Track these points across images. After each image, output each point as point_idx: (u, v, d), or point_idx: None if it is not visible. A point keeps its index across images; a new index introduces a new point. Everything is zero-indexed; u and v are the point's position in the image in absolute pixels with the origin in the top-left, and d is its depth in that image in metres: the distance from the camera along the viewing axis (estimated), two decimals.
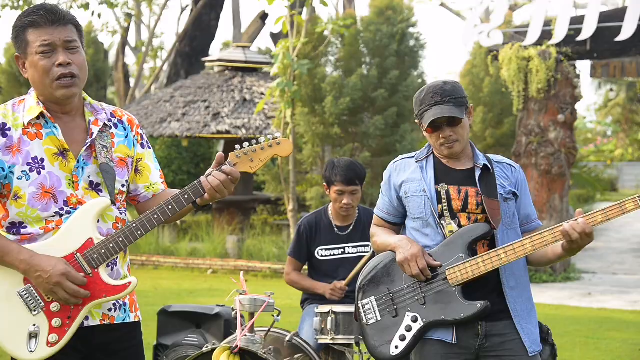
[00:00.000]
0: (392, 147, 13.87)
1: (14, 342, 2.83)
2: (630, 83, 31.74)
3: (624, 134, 35.08)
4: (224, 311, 5.17)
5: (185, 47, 21.02)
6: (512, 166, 3.56)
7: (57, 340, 2.83)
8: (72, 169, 2.89)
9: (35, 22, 2.85)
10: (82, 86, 2.94)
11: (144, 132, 3.12)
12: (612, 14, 12.26)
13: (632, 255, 14.78)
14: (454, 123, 3.42)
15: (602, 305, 10.24)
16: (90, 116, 2.97)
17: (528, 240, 3.31)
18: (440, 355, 3.40)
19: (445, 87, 3.44)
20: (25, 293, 2.84)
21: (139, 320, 3.08)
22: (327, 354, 4.64)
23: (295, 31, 12.87)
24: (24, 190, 2.85)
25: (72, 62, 2.86)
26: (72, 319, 2.84)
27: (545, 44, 12.19)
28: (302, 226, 4.99)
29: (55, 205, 2.86)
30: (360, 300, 3.53)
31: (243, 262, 12.88)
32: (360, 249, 4.95)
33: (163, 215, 2.88)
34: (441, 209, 3.43)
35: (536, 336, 3.45)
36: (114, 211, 2.95)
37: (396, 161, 3.61)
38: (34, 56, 2.86)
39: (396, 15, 14.24)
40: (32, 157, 2.86)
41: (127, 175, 3.01)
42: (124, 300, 3.01)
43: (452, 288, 3.37)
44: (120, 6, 19.81)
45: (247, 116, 15.23)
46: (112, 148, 2.96)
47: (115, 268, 2.96)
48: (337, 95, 13.38)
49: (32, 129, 2.88)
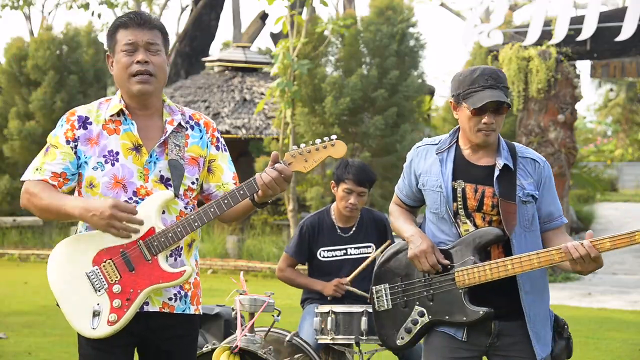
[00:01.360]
0: (392, 147, 13.87)
1: (79, 319, 3.07)
2: (630, 83, 31.75)
3: (624, 134, 35.08)
4: (224, 311, 5.16)
5: (185, 47, 21.02)
6: (536, 162, 3.43)
7: (117, 320, 3.03)
8: (144, 163, 3.11)
9: (125, 24, 3.12)
10: (160, 86, 3.16)
11: (220, 136, 3.31)
12: (612, 14, 12.27)
13: (632, 255, 14.78)
14: (499, 111, 3.32)
15: (602, 305, 10.24)
16: (167, 116, 3.19)
17: (535, 256, 3.25)
18: (449, 349, 3.40)
19: (500, 73, 3.35)
20: (92, 274, 3.07)
21: (199, 313, 3.26)
22: (327, 354, 4.64)
23: (295, 31, 12.87)
24: (98, 179, 3.10)
25: (150, 61, 3.09)
26: (130, 301, 3.04)
27: (545, 44, 12.20)
28: (305, 227, 4.98)
29: (125, 194, 3.09)
30: (375, 285, 3.58)
31: (243, 262, 12.89)
32: (362, 250, 4.94)
33: (219, 208, 3.06)
34: (456, 207, 3.38)
35: (548, 340, 3.42)
36: (179, 204, 3.15)
37: (419, 146, 3.54)
38: (119, 54, 3.10)
39: (396, 15, 14.24)
40: (108, 150, 3.11)
41: (197, 174, 3.20)
42: (187, 291, 3.18)
43: (459, 290, 3.36)
44: (120, 6, 19.82)
45: (247, 116, 15.24)
46: (184, 147, 3.17)
47: (179, 259, 3.14)
48: (337, 95, 13.38)
49: (112, 125, 3.14)
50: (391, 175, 14.09)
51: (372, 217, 5.01)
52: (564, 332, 3.51)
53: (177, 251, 3.15)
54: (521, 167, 3.39)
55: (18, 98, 16.33)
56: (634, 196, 27.29)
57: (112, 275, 3.06)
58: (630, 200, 26.03)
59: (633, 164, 33.05)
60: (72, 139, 3.11)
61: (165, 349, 3.19)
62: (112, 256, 3.06)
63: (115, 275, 3.06)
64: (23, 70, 16.36)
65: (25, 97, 16.23)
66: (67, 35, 16.91)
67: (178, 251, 3.15)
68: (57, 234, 15.50)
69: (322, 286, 4.87)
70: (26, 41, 17.10)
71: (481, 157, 3.40)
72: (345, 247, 4.94)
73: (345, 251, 4.94)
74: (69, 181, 3.12)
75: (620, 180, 30.14)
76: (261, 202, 3.13)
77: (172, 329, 3.18)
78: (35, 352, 7.06)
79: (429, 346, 3.46)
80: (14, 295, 10.36)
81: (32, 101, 15.87)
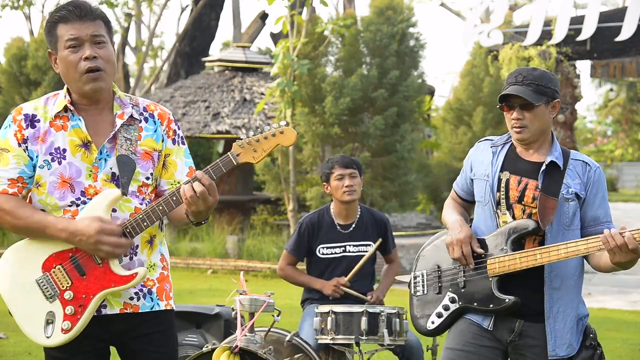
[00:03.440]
0: (392, 147, 13.86)
1: (33, 328, 2.95)
2: (630, 83, 31.75)
3: (624, 134, 35.08)
4: (224, 311, 5.17)
5: (185, 47, 21.02)
6: (587, 164, 3.45)
7: (70, 328, 2.91)
8: (93, 161, 2.96)
9: (65, 17, 2.95)
10: (110, 80, 3.00)
11: (178, 128, 3.14)
12: (612, 14, 12.26)
13: None
14: (527, 107, 3.36)
15: (602, 305, 10.24)
16: (118, 109, 3.03)
17: (563, 246, 3.27)
18: (472, 335, 3.47)
19: (534, 72, 3.40)
20: (42, 281, 2.94)
21: (171, 308, 3.11)
22: (327, 354, 4.64)
23: (295, 31, 12.87)
24: (45, 178, 2.95)
25: (98, 55, 2.93)
26: (83, 307, 2.91)
27: (545, 44, 12.19)
28: (304, 224, 5.00)
29: (72, 195, 2.94)
30: (414, 270, 3.68)
31: (243, 262, 12.88)
32: (361, 248, 4.95)
33: (166, 206, 2.91)
34: (499, 197, 3.44)
35: (566, 340, 3.41)
36: (132, 202, 2.99)
37: (481, 141, 3.64)
38: (63, 51, 2.95)
39: (396, 15, 14.24)
40: (55, 148, 2.95)
41: (152, 168, 3.04)
42: (150, 288, 3.04)
43: (489, 278, 3.42)
44: (120, 6, 19.82)
45: (247, 116, 15.23)
46: (137, 141, 3.01)
47: (135, 258, 3.00)
48: (337, 95, 13.38)
49: (59, 122, 2.98)
50: (391, 175, 14.08)
51: (372, 217, 5.02)
52: (589, 341, 3.49)
53: (133, 250, 2.99)
54: (571, 167, 3.43)
55: (18, 98, 16.35)
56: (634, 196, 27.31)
57: (63, 281, 2.93)
58: (630, 200, 26.05)
59: (633, 164, 33.07)
60: (21, 140, 2.95)
61: (133, 348, 3.05)
62: (62, 261, 2.93)
63: (66, 281, 2.93)
64: (23, 70, 16.38)
65: (25, 97, 16.24)
66: None
67: (133, 250, 3.00)
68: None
69: (321, 285, 4.90)
70: (26, 41, 17.13)
71: (532, 154, 3.47)
72: (344, 244, 4.95)
73: (344, 248, 4.95)
74: (28, 184, 2.97)
75: (620, 180, 30.17)
76: (195, 220, 2.94)
77: (138, 328, 3.03)
78: (35, 352, 7.06)
79: (455, 330, 3.55)
80: None
81: None
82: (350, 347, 4.54)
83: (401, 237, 12.26)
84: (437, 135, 19.49)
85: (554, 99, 3.42)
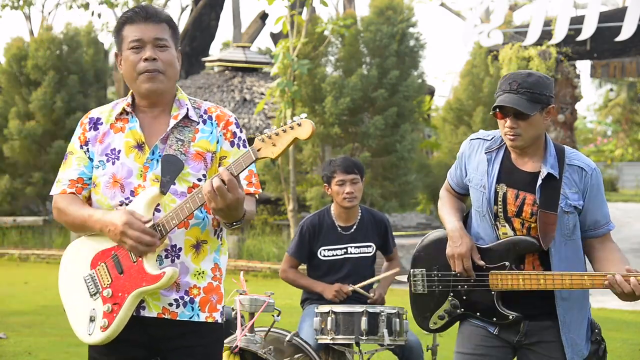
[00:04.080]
0: (392, 147, 13.87)
1: (78, 325, 2.99)
2: (630, 83, 31.75)
3: (624, 134, 35.09)
4: (224, 311, 5.16)
5: (185, 47, 21.02)
6: (584, 170, 3.37)
7: (107, 325, 2.91)
8: (145, 161, 2.97)
9: (131, 19, 2.99)
10: (170, 83, 3.01)
11: (240, 131, 3.09)
12: (612, 14, 12.27)
13: (632, 255, 14.77)
14: (521, 116, 3.29)
15: (602, 305, 10.23)
16: (175, 111, 3.04)
17: (568, 277, 3.26)
18: (481, 338, 3.49)
19: (529, 78, 3.30)
20: (88, 278, 2.98)
21: (214, 321, 3.03)
22: (327, 354, 4.63)
23: (295, 31, 12.87)
24: (99, 179, 3.00)
25: (158, 58, 2.95)
26: (119, 305, 2.91)
27: (545, 44, 12.19)
28: (305, 226, 4.99)
29: (121, 194, 2.96)
30: (413, 268, 3.66)
31: (243, 262, 12.88)
32: (362, 250, 4.94)
33: (193, 204, 2.85)
34: (496, 210, 3.41)
35: (581, 347, 3.45)
36: (177, 202, 2.92)
37: (472, 139, 3.56)
38: (126, 52, 2.98)
39: (396, 15, 14.24)
40: (110, 149, 3.01)
41: (204, 170, 2.99)
42: (194, 297, 2.98)
43: (491, 292, 3.42)
44: (120, 6, 19.81)
45: (247, 116, 15.23)
46: (190, 142, 2.99)
47: (177, 261, 2.95)
48: (337, 95, 13.38)
49: (119, 124, 3.04)
50: (391, 175, 14.09)
51: (372, 217, 5.01)
52: (594, 336, 3.54)
53: (175, 252, 2.96)
54: (567, 175, 3.36)
55: (18, 98, 16.33)
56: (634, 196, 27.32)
57: (105, 278, 2.95)
58: (630, 200, 26.05)
59: (633, 164, 33.07)
60: (84, 143, 3.04)
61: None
62: (106, 259, 2.95)
63: (107, 279, 2.94)
64: (23, 70, 16.37)
65: (25, 97, 16.23)
66: (67, 35, 16.92)
67: (175, 252, 2.96)
68: (57, 234, 15.50)
69: (322, 288, 4.88)
70: (26, 41, 17.11)
71: (527, 162, 3.40)
72: (346, 246, 4.94)
73: (345, 250, 4.94)
74: (88, 185, 3.03)
75: (620, 180, 30.17)
76: (225, 220, 2.87)
77: (178, 339, 2.96)
78: (35, 352, 7.06)
79: (462, 334, 3.56)
80: (14, 295, 10.35)
81: (32, 101, 15.87)
82: (350, 347, 4.54)
83: (401, 237, 12.26)
84: (437, 135, 19.50)
85: (549, 104, 3.35)
